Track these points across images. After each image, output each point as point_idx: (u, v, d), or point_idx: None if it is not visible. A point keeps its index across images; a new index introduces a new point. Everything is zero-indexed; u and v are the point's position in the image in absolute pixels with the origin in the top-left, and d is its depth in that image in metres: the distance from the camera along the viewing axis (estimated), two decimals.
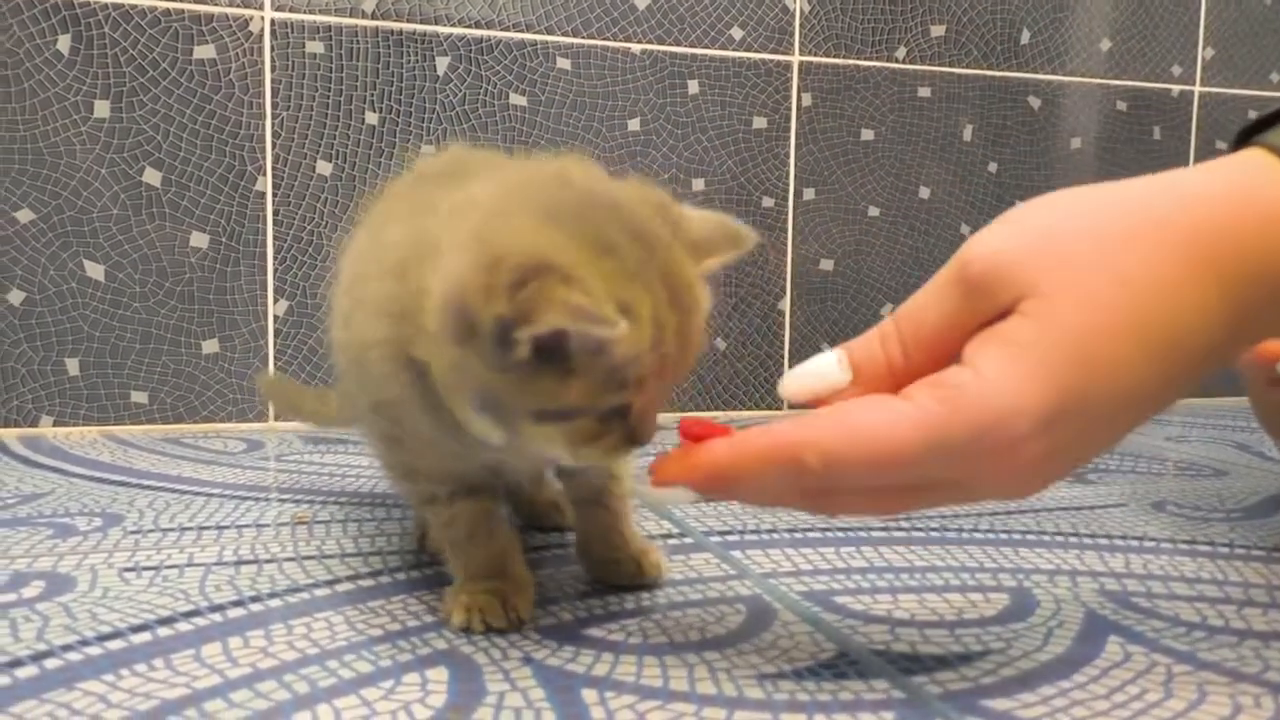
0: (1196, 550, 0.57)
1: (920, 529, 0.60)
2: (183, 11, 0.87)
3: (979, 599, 0.48)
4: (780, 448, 0.33)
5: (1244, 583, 0.51)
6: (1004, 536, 0.59)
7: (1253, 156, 0.36)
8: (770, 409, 1.06)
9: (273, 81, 0.89)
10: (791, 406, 0.39)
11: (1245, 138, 0.38)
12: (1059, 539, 0.59)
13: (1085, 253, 0.33)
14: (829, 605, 0.47)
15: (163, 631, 0.41)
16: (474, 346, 0.34)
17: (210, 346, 0.90)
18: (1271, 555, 0.56)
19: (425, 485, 0.45)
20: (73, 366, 0.86)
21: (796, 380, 0.36)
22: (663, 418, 0.38)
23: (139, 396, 0.88)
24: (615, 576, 0.48)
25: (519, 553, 0.45)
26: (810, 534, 0.59)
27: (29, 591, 0.46)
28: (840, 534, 0.59)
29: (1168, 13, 1.17)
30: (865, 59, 1.07)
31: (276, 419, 0.92)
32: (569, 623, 0.44)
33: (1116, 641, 0.43)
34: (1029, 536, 0.59)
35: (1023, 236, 0.34)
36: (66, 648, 0.39)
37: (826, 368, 0.36)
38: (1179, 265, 0.33)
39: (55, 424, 0.86)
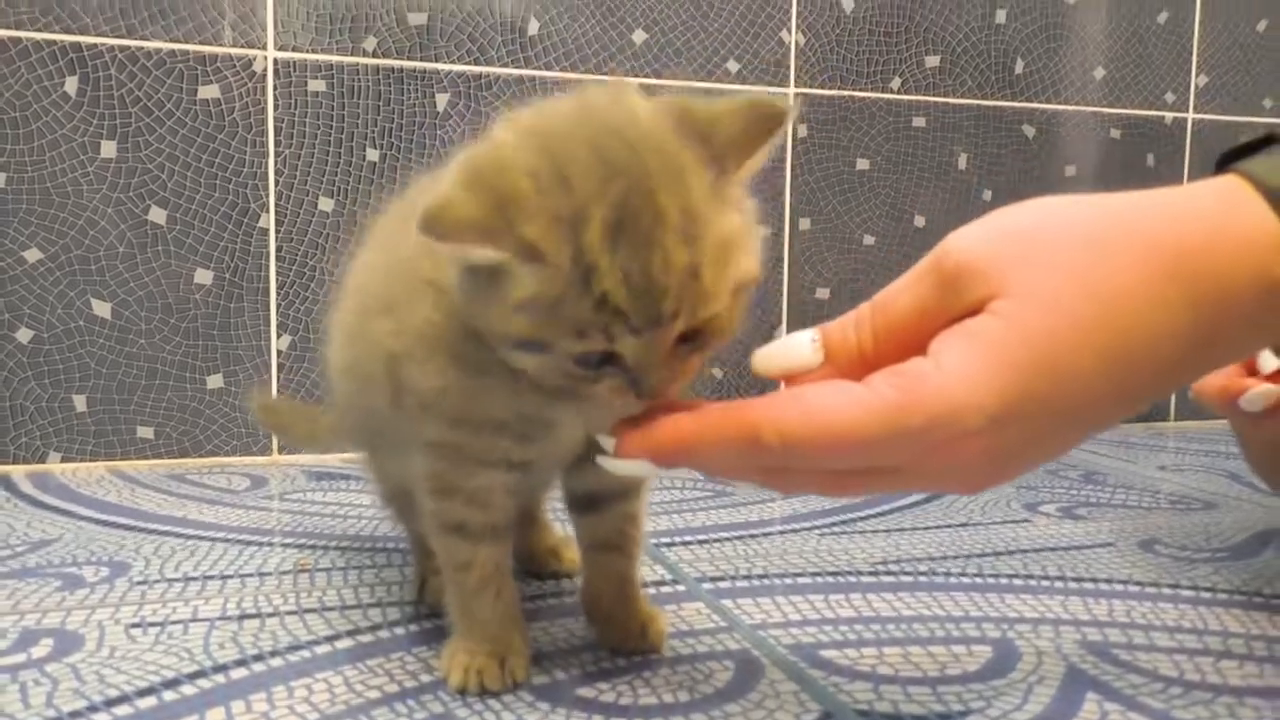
0: (1180, 595, 0.58)
1: (909, 573, 0.61)
2: (187, 53, 0.88)
3: (962, 651, 0.49)
4: (740, 424, 0.34)
5: (1223, 631, 0.52)
6: (991, 581, 0.60)
7: (1229, 183, 0.37)
8: None
9: (275, 120, 0.91)
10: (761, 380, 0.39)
11: (1226, 162, 0.39)
12: (1045, 584, 0.60)
13: (1059, 260, 0.33)
14: (815, 660, 0.48)
15: (168, 695, 0.43)
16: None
17: (215, 381, 0.91)
18: (1252, 600, 0.57)
19: (459, 506, 0.44)
20: (80, 403, 0.88)
21: (769, 356, 0.37)
22: None
23: (145, 431, 0.90)
24: (619, 639, 0.48)
25: (520, 613, 0.46)
26: (801, 579, 0.60)
27: (38, 651, 0.47)
28: (829, 580, 0.60)
29: (1161, 41, 1.18)
30: (860, 90, 1.08)
31: (280, 452, 0.93)
32: (562, 681, 0.45)
33: (1094, 699, 0.44)
34: (1015, 581, 0.60)
35: (1001, 236, 0.35)
36: (75, 714, 0.41)
37: (800, 347, 0.37)
38: (1149, 283, 0.34)
39: (63, 460, 0.88)
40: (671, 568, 0.62)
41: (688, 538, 0.69)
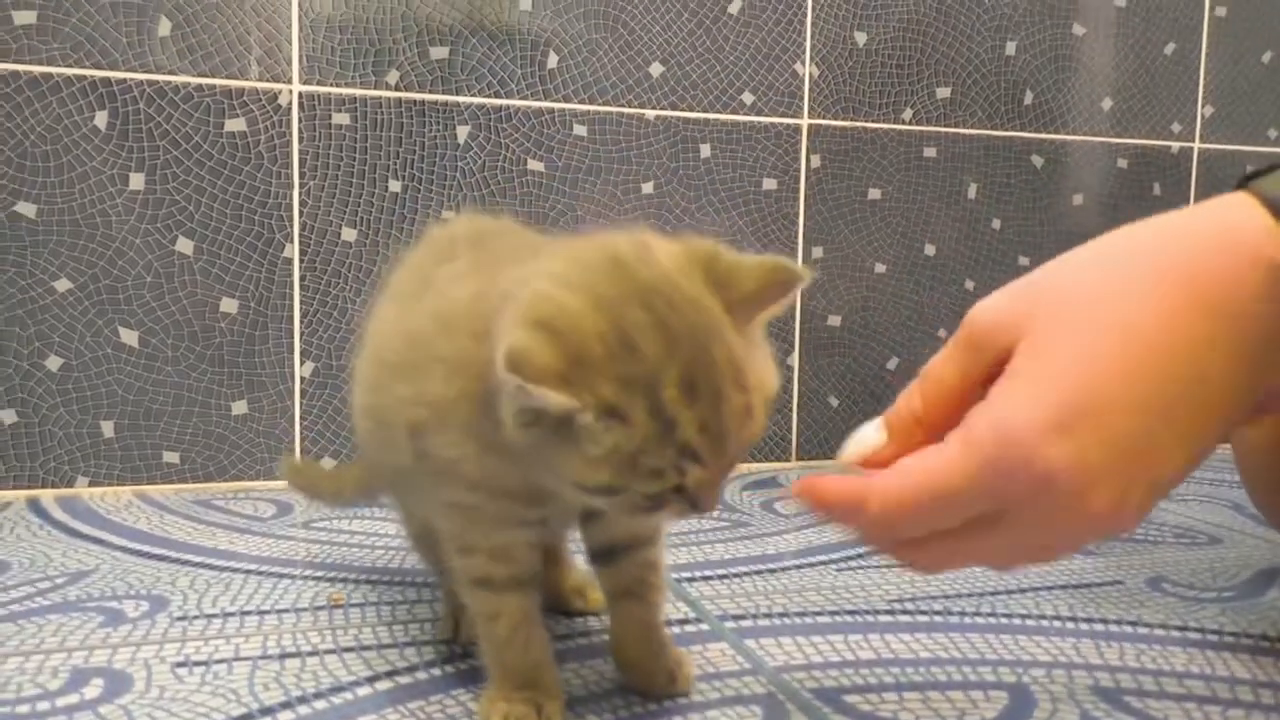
0: (1188, 639, 0.60)
1: (924, 612, 0.63)
2: (214, 87, 0.90)
3: (980, 697, 0.51)
4: (852, 493, 0.39)
5: (1230, 678, 0.54)
6: (1004, 622, 0.62)
7: (1237, 199, 0.39)
8: (779, 460, 1.09)
9: (300, 152, 0.93)
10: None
11: (1243, 184, 0.41)
12: (1057, 624, 0.62)
13: (1072, 297, 0.37)
14: (839, 705, 0.50)
15: None
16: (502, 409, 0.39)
17: (239, 408, 0.93)
18: (1259, 644, 0.59)
19: (483, 562, 0.46)
20: (108, 429, 0.90)
21: (849, 448, 0.42)
22: None
23: (171, 457, 0.92)
24: (647, 685, 0.50)
25: (552, 659, 0.48)
26: (820, 619, 0.62)
27: (90, 692, 0.49)
28: (849, 620, 0.62)
29: (1168, 72, 1.20)
30: (872, 121, 1.10)
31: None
32: None
33: None
34: (1028, 622, 0.62)
35: (1015, 290, 0.39)
36: None
37: (868, 431, 0.42)
38: (1164, 301, 0.36)
39: (91, 484, 0.90)
40: (694, 605, 0.64)
41: (708, 572, 0.71)
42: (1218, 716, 0.49)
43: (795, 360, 1.09)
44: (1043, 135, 1.16)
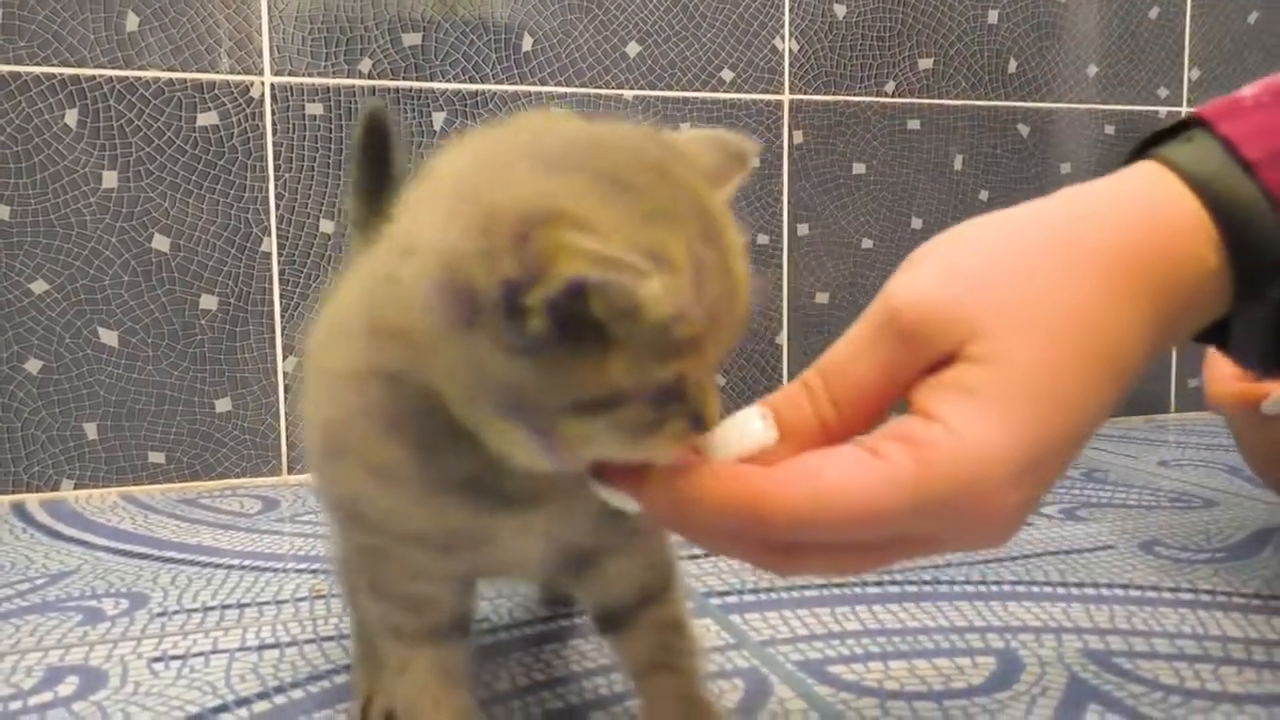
0: (1180, 599, 0.59)
1: (913, 582, 0.62)
2: (185, 81, 0.89)
3: (967, 664, 0.50)
4: (742, 495, 0.30)
5: (1223, 636, 0.53)
6: (994, 589, 0.61)
7: (1148, 170, 0.36)
8: None
9: (274, 144, 0.92)
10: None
11: (1144, 148, 0.38)
12: (1047, 589, 0.61)
13: (1017, 289, 0.32)
14: (823, 677, 0.49)
15: None
16: (482, 330, 0.28)
17: (223, 405, 0.92)
18: (1251, 603, 0.58)
19: (391, 609, 0.39)
20: (91, 430, 0.89)
21: (723, 445, 0.33)
22: None
23: (156, 457, 0.91)
24: None
25: None
26: (808, 593, 0.61)
27: (64, 689, 0.48)
28: (836, 593, 0.61)
29: (1153, 36, 1.18)
30: (855, 95, 1.09)
31: (290, 472, 0.94)
32: (576, 707, 0.46)
33: (1096, 711, 0.45)
34: (1018, 588, 0.61)
35: (949, 278, 0.33)
36: None
37: (751, 429, 0.33)
38: (1106, 286, 0.33)
39: (76, 487, 0.89)
40: None
41: (695, 550, 0.70)
42: (1209, 674, 0.48)
43: (784, 339, 1.08)
44: (1028, 104, 1.15)
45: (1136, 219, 0.34)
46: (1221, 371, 0.63)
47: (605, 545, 0.37)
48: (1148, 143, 0.38)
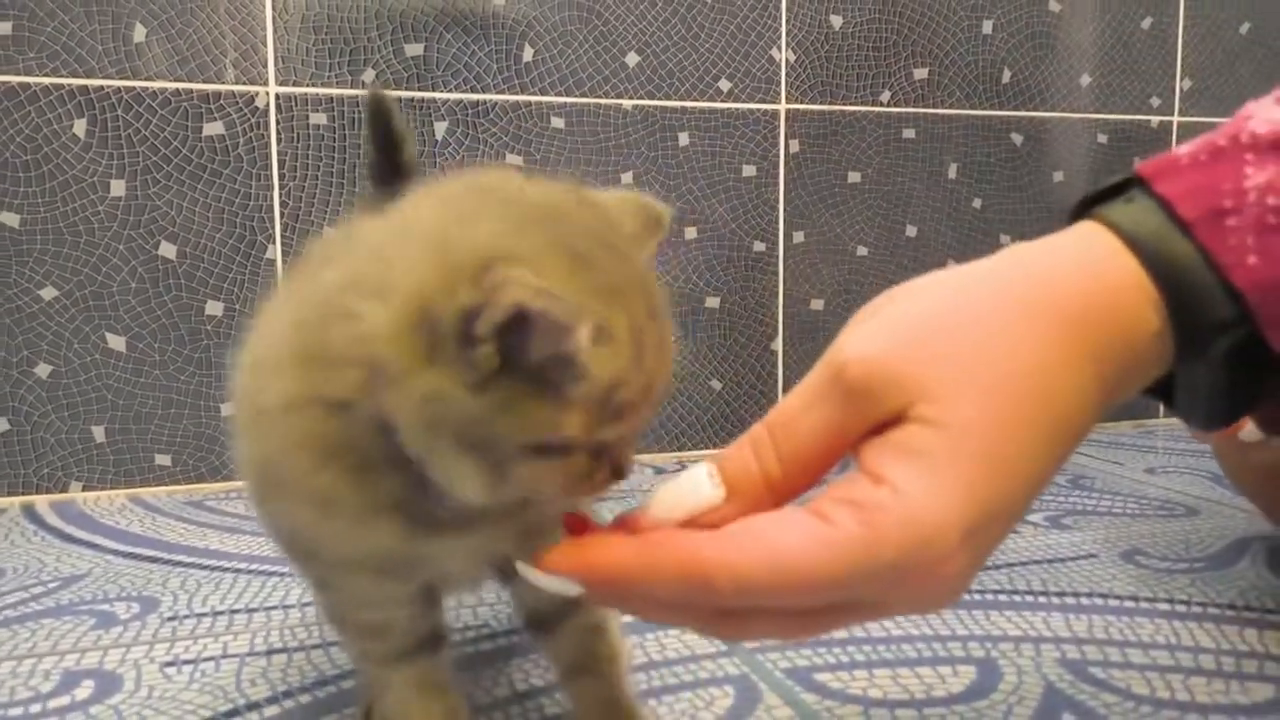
0: (1156, 609, 0.61)
1: None
2: (191, 91, 0.91)
3: (948, 672, 0.52)
4: (689, 564, 0.30)
5: (1195, 647, 0.55)
6: (977, 598, 0.63)
7: (1090, 230, 0.36)
8: None
9: (279, 154, 0.93)
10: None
11: (1085, 208, 0.38)
12: (1029, 599, 0.63)
13: (967, 349, 0.32)
14: (810, 684, 0.51)
15: None
16: (446, 365, 0.30)
17: (228, 409, 0.94)
18: (1225, 614, 0.60)
19: (355, 638, 0.41)
20: (99, 433, 0.91)
21: (667, 500, 0.33)
22: None
23: (163, 459, 0.93)
24: None
25: None
26: None
27: (81, 693, 0.51)
28: None
29: (1146, 47, 1.20)
30: (850, 104, 1.10)
31: None
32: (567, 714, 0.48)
33: (1069, 719, 0.47)
34: (1000, 597, 0.63)
35: (896, 335, 0.33)
36: None
37: (699, 486, 0.33)
38: (1055, 347, 0.33)
39: (84, 489, 0.91)
40: None
41: None
42: (1179, 684, 0.51)
43: (779, 345, 1.10)
44: (1022, 113, 1.16)
45: (1081, 280, 0.34)
46: None
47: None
48: (1090, 200, 0.38)
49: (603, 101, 1.02)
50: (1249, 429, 0.59)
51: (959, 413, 0.31)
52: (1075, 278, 0.34)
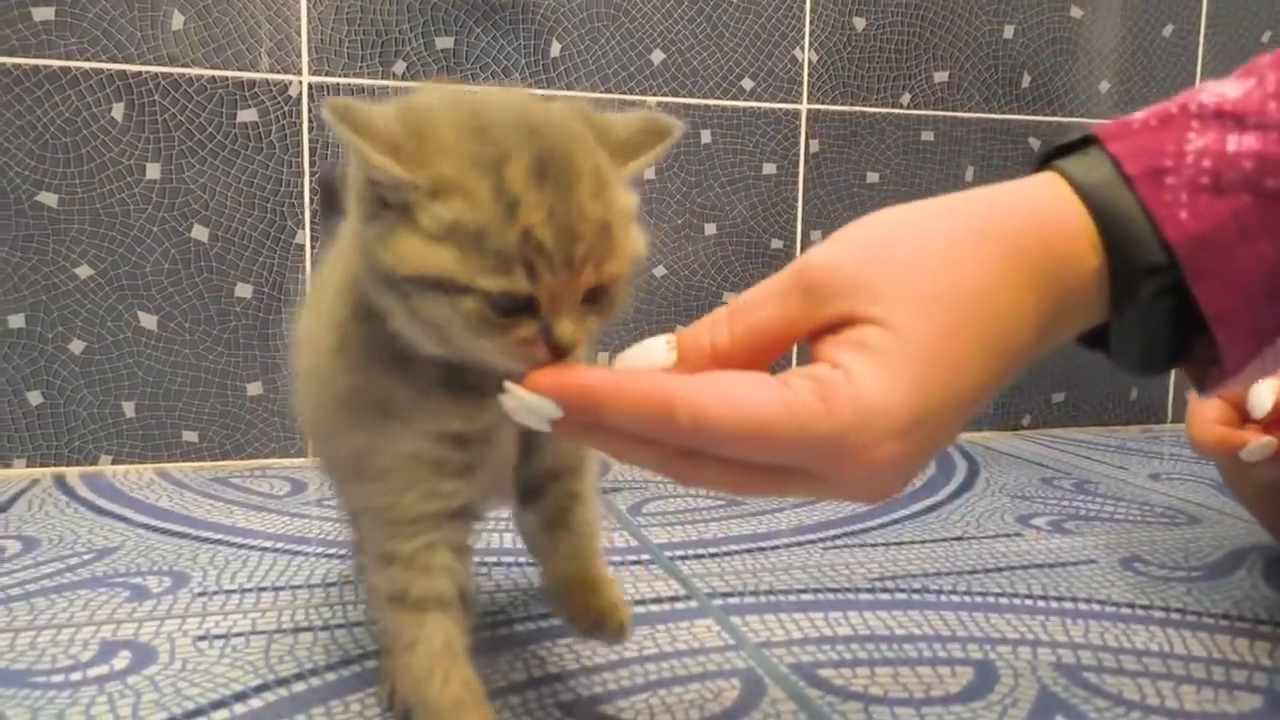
0: (1152, 617, 0.63)
1: (904, 590, 0.67)
2: (227, 79, 0.93)
3: (946, 673, 0.54)
4: (655, 395, 0.33)
5: (1187, 655, 0.57)
6: (978, 600, 0.65)
7: (1046, 178, 0.40)
8: None
9: (310, 141, 0.95)
10: None
11: (1048, 158, 0.42)
12: (1028, 603, 0.65)
13: (918, 264, 0.36)
14: (814, 680, 0.53)
15: (238, 708, 0.49)
16: (362, 218, 0.38)
17: (255, 389, 0.97)
18: (1219, 623, 0.62)
19: (400, 573, 0.43)
20: (129, 409, 0.94)
21: (628, 359, 0.37)
22: None
23: (190, 435, 0.96)
24: (572, 621, 0.46)
25: (481, 700, 0.43)
26: (804, 596, 0.65)
27: (119, 663, 0.53)
28: (830, 598, 0.65)
29: (1166, 53, 1.21)
30: (871, 106, 1.11)
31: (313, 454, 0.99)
32: (587, 699, 0.51)
33: None
34: (1001, 600, 0.65)
35: (858, 247, 0.36)
36: None
37: (654, 349, 0.37)
38: (1001, 272, 0.36)
39: (114, 462, 0.94)
40: (685, 582, 0.67)
41: (699, 550, 0.74)
42: (1169, 691, 0.53)
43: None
44: (1041, 118, 1.17)
45: (1031, 216, 0.38)
46: (1202, 416, 0.65)
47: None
48: (1051, 154, 0.41)
49: (628, 97, 1.04)
50: (1249, 448, 0.61)
51: (906, 316, 0.35)
52: (1025, 214, 0.38)
